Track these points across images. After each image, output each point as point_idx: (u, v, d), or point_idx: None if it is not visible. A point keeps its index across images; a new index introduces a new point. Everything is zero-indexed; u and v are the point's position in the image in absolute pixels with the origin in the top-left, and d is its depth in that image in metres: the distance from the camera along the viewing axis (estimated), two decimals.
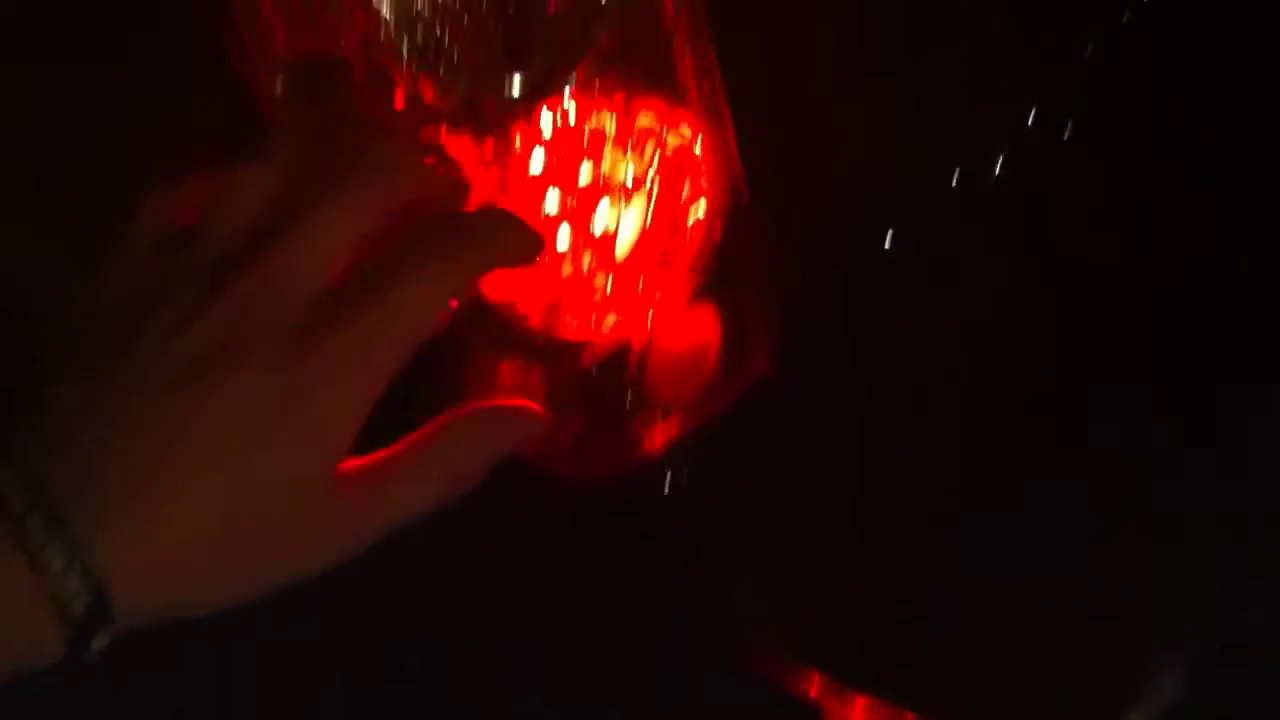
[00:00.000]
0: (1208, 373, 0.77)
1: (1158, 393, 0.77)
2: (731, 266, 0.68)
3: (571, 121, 0.62)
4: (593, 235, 0.66)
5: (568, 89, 0.61)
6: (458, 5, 0.57)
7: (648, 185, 0.66)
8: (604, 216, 0.66)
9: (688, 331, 0.70)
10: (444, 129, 0.60)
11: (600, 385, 0.69)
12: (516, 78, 0.58)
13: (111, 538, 0.46)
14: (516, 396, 0.68)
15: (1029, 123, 0.81)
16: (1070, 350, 0.78)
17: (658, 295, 0.68)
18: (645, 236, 0.67)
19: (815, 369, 0.75)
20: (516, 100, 0.59)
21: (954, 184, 0.78)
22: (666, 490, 0.77)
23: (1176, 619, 0.76)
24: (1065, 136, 0.82)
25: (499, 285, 0.66)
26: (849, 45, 0.72)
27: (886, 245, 0.77)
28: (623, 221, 0.67)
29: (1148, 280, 0.78)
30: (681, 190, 0.67)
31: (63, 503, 0.45)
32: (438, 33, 0.57)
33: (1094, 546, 0.77)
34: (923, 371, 0.77)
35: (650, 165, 0.66)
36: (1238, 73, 0.79)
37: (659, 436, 0.74)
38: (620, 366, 0.69)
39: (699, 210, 0.66)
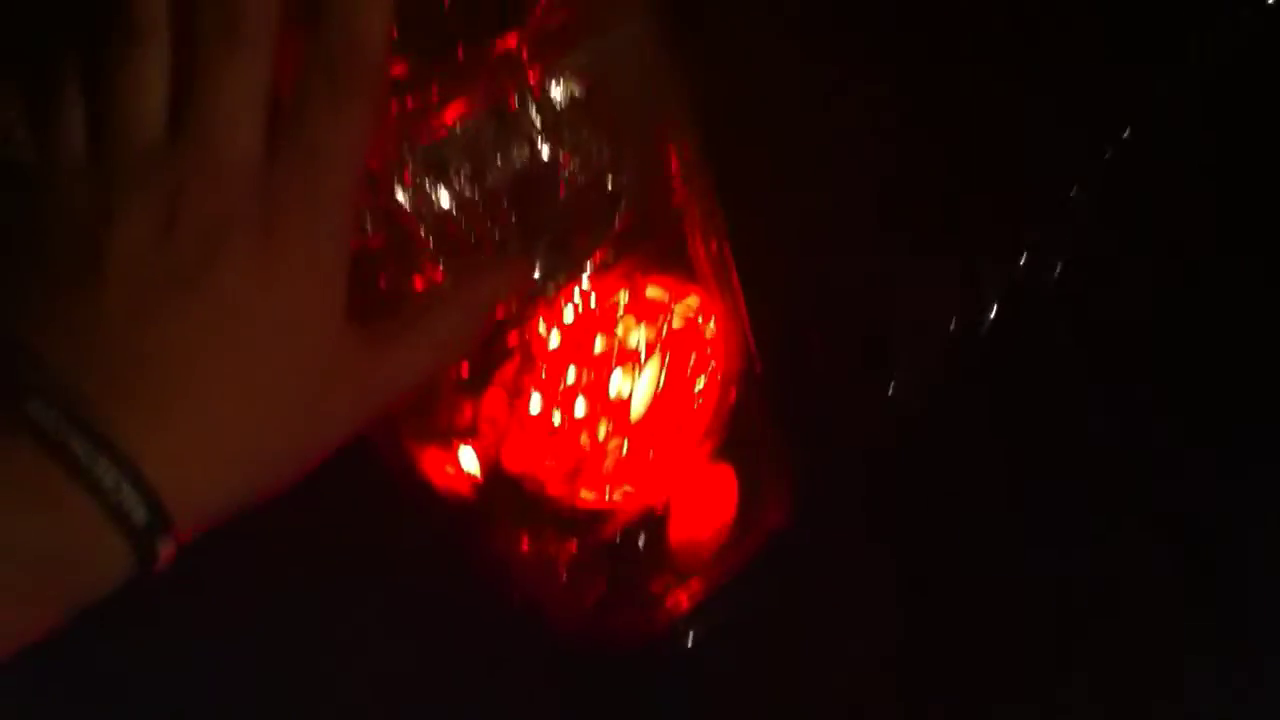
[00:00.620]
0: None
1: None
2: (745, 430, 0.70)
3: (590, 301, 0.64)
4: (609, 403, 0.68)
5: (586, 271, 0.62)
6: (479, 200, 0.59)
7: (658, 354, 0.68)
8: (618, 384, 0.68)
9: (705, 495, 0.72)
10: None
11: (622, 551, 0.70)
12: (537, 265, 0.59)
13: (154, 446, 0.47)
14: (539, 568, 0.69)
15: (1021, 269, 0.83)
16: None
17: (675, 462, 0.69)
18: (659, 404, 0.69)
19: (828, 528, 0.77)
20: (539, 290, 0.61)
21: (953, 331, 0.80)
22: (689, 646, 0.78)
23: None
24: (1055, 277, 0.85)
25: (519, 456, 0.67)
26: (852, 212, 0.74)
27: (890, 393, 0.78)
28: (636, 389, 0.68)
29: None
30: (691, 359, 0.69)
31: (99, 423, 0.46)
32: (463, 225, 0.59)
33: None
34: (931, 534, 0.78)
35: (660, 335, 0.68)
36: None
37: (681, 598, 0.75)
38: (641, 532, 0.70)
39: (710, 378, 0.68)
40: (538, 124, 0.59)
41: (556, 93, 0.59)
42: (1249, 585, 0.80)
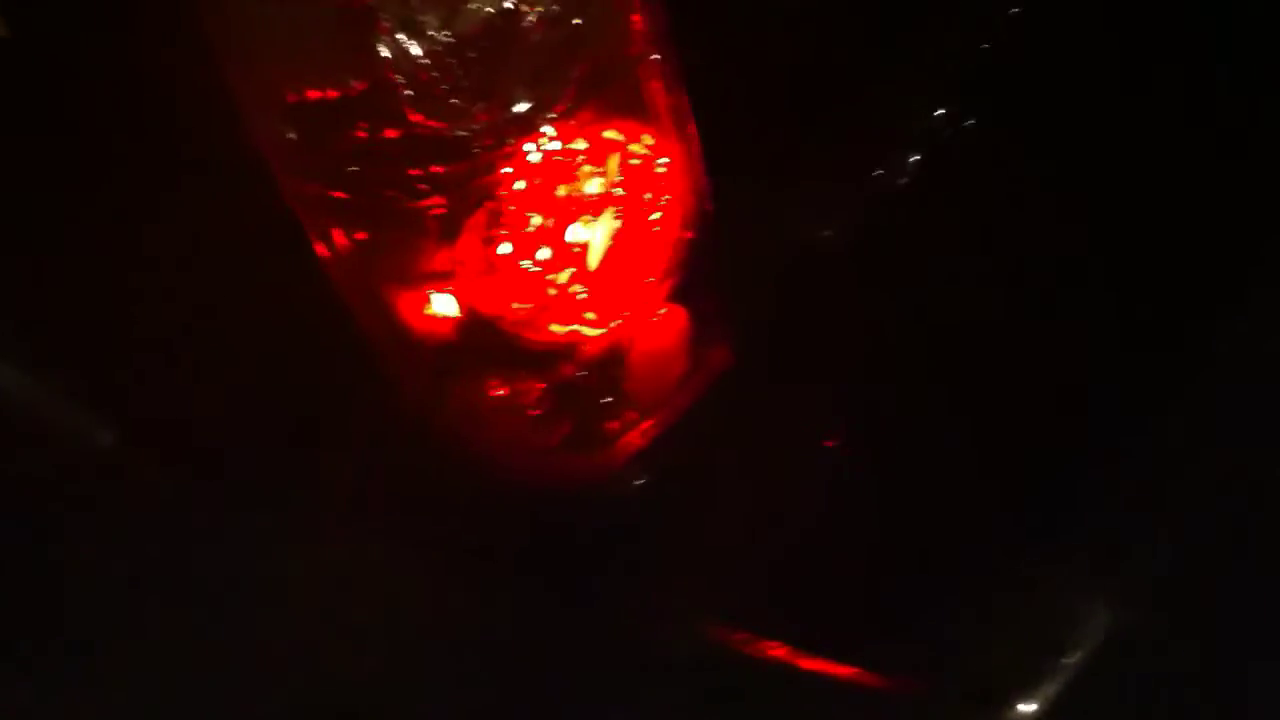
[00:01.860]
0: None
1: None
2: (697, 270, 0.74)
3: (552, 147, 0.67)
4: (569, 248, 0.72)
5: (550, 117, 0.66)
6: (448, 49, 0.62)
7: (613, 195, 0.72)
8: (576, 231, 0.72)
9: (661, 333, 0.76)
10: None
11: (585, 388, 0.75)
12: (515, 108, 0.63)
13: None
14: (508, 408, 0.74)
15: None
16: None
17: (634, 300, 0.74)
18: (617, 244, 0.73)
19: (770, 364, 0.82)
20: (506, 129, 0.64)
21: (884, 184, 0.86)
22: (640, 483, 0.83)
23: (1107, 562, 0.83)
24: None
25: (491, 298, 0.71)
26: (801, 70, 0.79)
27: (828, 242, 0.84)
28: (594, 233, 0.72)
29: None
30: (646, 198, 0.73)
31: None
32: (434, 73, 0.62)
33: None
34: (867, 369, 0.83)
35: (614, 177, 0.72)
36: None
37: (635, 436, 0.80)
38: (602, 369, 0.75)
39: (666, 217, 0.72)
40: None
41: None
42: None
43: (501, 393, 0.74)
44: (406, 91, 0.63)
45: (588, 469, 0.80)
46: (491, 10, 0.62)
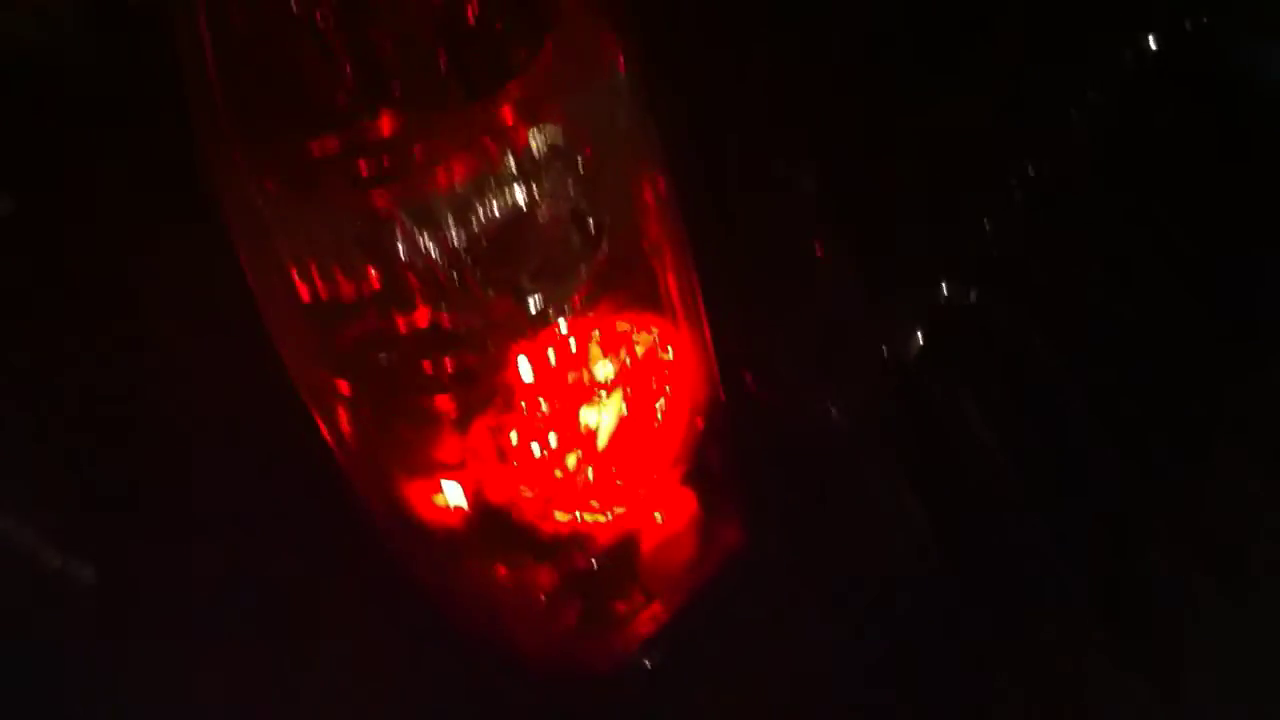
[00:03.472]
0: None
1: None
2: (709, 457, 0.74)
3: (566, 339, 0.68)
4: (579, 434, 0.72)
5: (565, 313, 0.66)
6: (466, 248, 0.62)
7: (621, 385, 0.72)
8: (586, 416, 0.72)
9: (671, 519, 0.76)
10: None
11: (595, 574, 0.74)
12: (531, 300, 0.63)
13: None
14: (518, 595, 0.73)
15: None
16: None
17: (644, 487, 0.73)
18: (626, 432, 0.72)
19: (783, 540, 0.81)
20: (519, 322, 0.64)
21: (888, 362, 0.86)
22: (650, 667, 0.81)
23: None
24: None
25: (500, 487, 0.70)
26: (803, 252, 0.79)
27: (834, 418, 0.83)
28: (602, 420, 0.72)
29: None
30: (654, 388, 0.73)
31: None
32: (450, 273, 0.63)
33: None
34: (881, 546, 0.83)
35: (624, 366, 0.72)
36: None
37: (646, 620, 0.79)
38: (613, 555, 0.74)
39: (674, 406, 0.72)
40: (521, 175, 0.63)
41: (539, 143, 0.62)
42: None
43: (511, 581, 0.73)
44: (420, 287, 0.63)
45: (599, 655, 0.79)
46: (508, 207, 0.62)
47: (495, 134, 0.61)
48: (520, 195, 0.63)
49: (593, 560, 0.73)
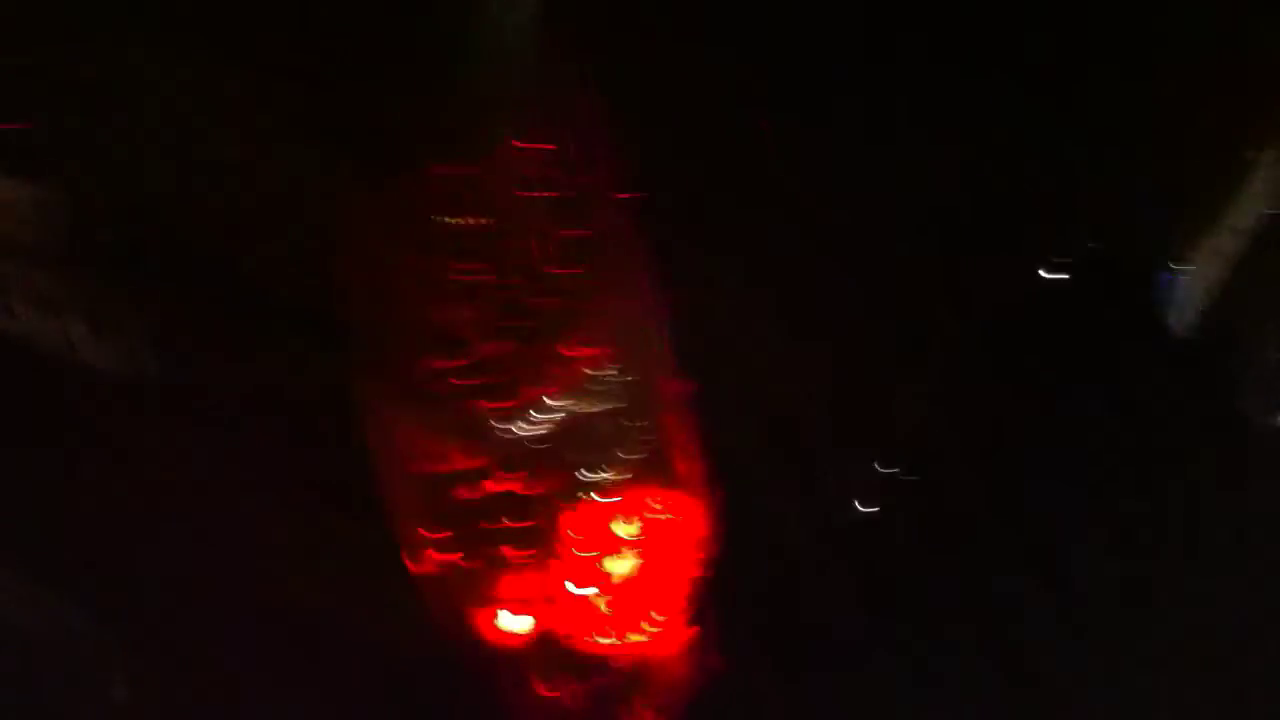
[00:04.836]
0: None
1: None
2: (705, 597, 0.97)
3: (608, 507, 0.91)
4: (607, 578, 0.95)
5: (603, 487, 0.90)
6: (541, 437, 0.86)
7: (639, 540, 0.95)
8: (619, 567, 0.95)
9: (678, 647, 0.98)
10: None
11: (623, 687, 0.96)
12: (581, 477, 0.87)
13: None
14: (564, 700, 0.95)
15: None
16: None
17: (663, 623, 0.96)
18: (644, 577, 0.95)
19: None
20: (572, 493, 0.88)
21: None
22: None
23: None
24: None
25: (554, 618, 0.93)
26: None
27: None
28: (621, 568, 0.95)
29: None
30: (667, 545, 0.96)
31: None
32: (525, 454, 0.86)
33: None
34: None
35: (642, 528, 0.95)
36: None
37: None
38: (637, 672, 0.96)
39: (685, 560, 0.95)
40: (581, 394, 0.87)
41: (595, 373, 0.87)
42: None
43: (550, 691, 0.95)
44: (502, 464, 0.87)
45: None
46: (575, 411, 0.86)
47: (563, 367, 0.86)
48: (578, 408, 0.87)
49: (620, 676, 0.95)
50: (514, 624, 0.92)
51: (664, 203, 0.87)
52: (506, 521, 0.88)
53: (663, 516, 0.94)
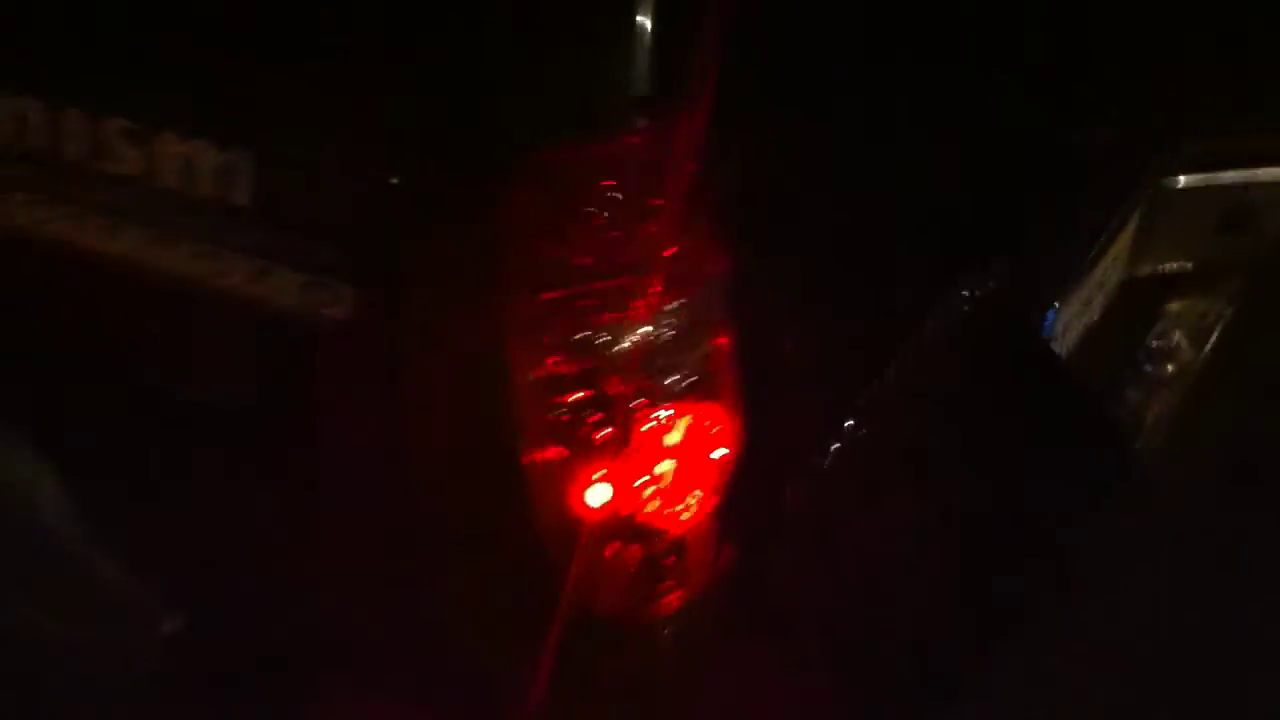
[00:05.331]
0: None
1: None
2: (733, 494, 1.32)
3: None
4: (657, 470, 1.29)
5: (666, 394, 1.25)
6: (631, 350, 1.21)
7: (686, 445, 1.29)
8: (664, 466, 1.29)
9: (709, 537, 1.32)
10: None
11: (663, 560, 1.30)
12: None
13: None
14: (616, 564, 1.28)
15: None
16: None
17: (698, 515, 1.30)
18: (687, 475, 1.29)
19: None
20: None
21: None
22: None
23: None
24: None
25: (620, 492, 1.26)
26: None
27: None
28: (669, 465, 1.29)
29: None
30: (706, 447, 1.30)
31: None
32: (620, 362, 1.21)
33: None
34: None
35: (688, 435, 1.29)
36: None
37: (675, 598, 1.34)
38: (674, 550, 1.30)
39: (722, 462, 1.30)
40: (655, 322, 1.22)
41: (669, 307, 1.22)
42: None
43: (615, 554, 1.29)
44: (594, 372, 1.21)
45: (649, 615, 1.34)
46: (650, 331, 1.21)
47: (649, 299, 1.21)
48: (655, 330, 1.23)
49: (664, 551, 1.29)
50: (597, 495, 1.26)
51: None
52: (591, 419, 1.23)
53: (709, 427, 1.29)
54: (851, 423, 1.51)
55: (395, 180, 1.25)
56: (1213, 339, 2.35)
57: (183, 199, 1.30)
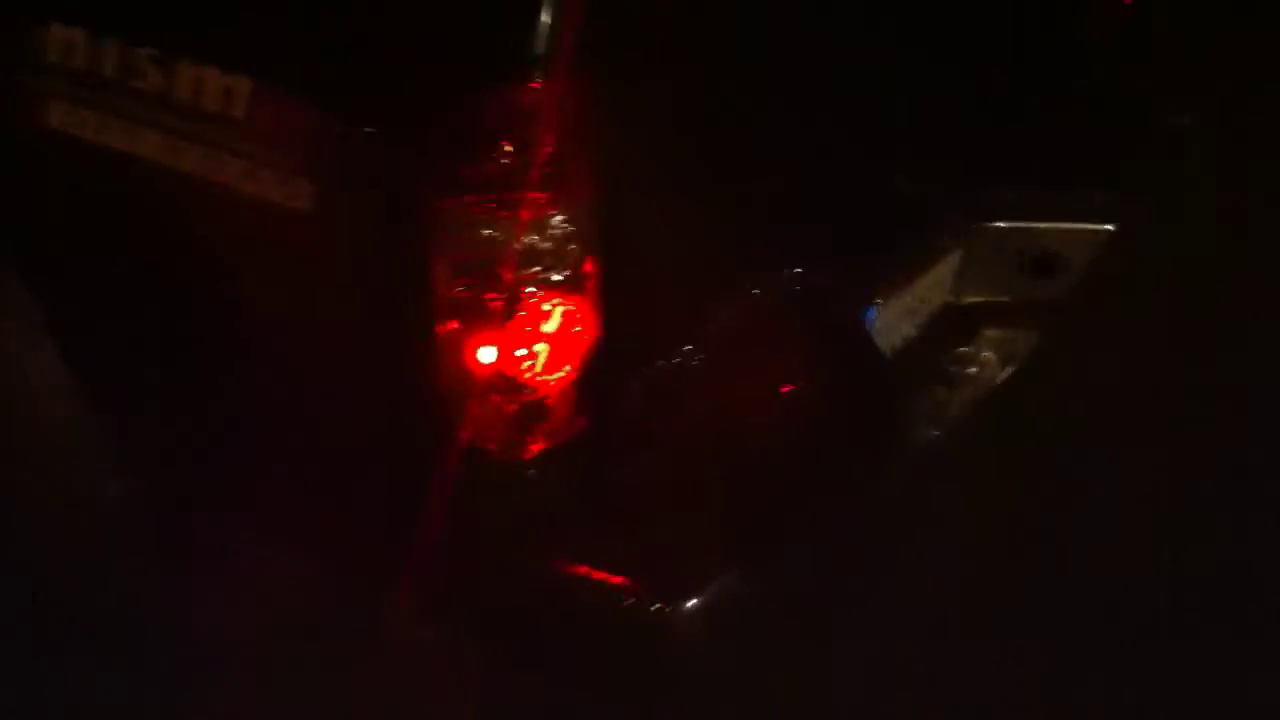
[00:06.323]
0: None
1: None
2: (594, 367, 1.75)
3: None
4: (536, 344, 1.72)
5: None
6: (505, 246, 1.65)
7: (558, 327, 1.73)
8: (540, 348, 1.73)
9: (570, 399, 1.75)
10: None
11: (534, 410, 1.73)
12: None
13: None
14: (496, 410, 1.71)
15: None
16: None
17: (564, 382, 1.74)
18: (559, 352, 1.73)
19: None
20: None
21: None
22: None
23: None
24: None
25: (505, 357, 1.69)
26: None
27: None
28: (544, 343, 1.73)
29: None
30: (574, 331, 1.73)
31: None
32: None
33: None
34: None
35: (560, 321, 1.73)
36: None
37: (540, 444, 1.76)
38: (543, 404, 1.73)
39: (581, 339, 1.74)
40: (535, 229, 1.67)
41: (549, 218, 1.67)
42: None
43: (497, 405, 1.72)
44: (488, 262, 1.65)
45: (516, 454, 1.76)
46: (537, 238, 1.66)
47: (536, 211, 1.66)
48: (540, 238, 1.67)
49: (535, 404, 1.72)
50: (486, 355, 1.69)
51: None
52: (485, 296, 1.66)
53: (577, 317, 1.72)
54: (689, 348, 1.95)
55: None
56: (1017, 361, 2.79)
57: (194, 111, 1.74)
